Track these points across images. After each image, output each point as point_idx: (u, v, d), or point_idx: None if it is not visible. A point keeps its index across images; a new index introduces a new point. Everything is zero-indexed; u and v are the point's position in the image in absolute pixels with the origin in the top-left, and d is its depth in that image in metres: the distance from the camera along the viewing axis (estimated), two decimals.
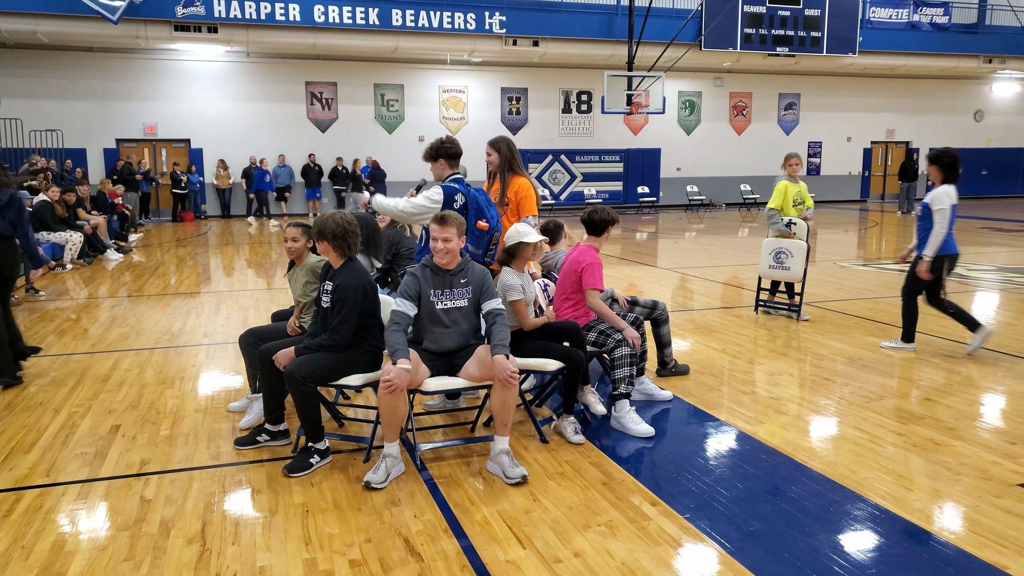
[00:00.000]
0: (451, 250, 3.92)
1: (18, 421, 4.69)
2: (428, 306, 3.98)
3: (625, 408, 4.46)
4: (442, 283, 3.98)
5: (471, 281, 4.00)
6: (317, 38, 18.12)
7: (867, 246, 14.24)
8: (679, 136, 24.18)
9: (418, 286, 3.95)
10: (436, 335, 4.03)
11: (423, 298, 3.96)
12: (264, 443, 4.19)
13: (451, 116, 22.05)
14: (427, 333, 4.04)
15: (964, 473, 3.83)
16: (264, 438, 4.20)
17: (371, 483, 3.69)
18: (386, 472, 3.75)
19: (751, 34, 20.88)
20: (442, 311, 4.00)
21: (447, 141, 4.63)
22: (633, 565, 2.99)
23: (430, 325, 4.02)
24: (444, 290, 3.98)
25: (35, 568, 3.00)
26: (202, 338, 6.92)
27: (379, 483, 3.69)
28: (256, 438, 4.20)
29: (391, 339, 3.78)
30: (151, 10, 16.56)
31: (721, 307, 8.26)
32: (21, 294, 8.90)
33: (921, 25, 22.93)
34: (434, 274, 3.98)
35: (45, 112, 18.48)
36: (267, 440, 4.20)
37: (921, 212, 6.05)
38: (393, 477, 3.78)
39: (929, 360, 5.95)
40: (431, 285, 3.97)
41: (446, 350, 4.04)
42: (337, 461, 4.01)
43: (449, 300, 3.99)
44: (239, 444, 4.21)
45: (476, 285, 4.00)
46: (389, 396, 3.65)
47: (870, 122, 25.92)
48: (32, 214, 11.16)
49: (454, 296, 4.00)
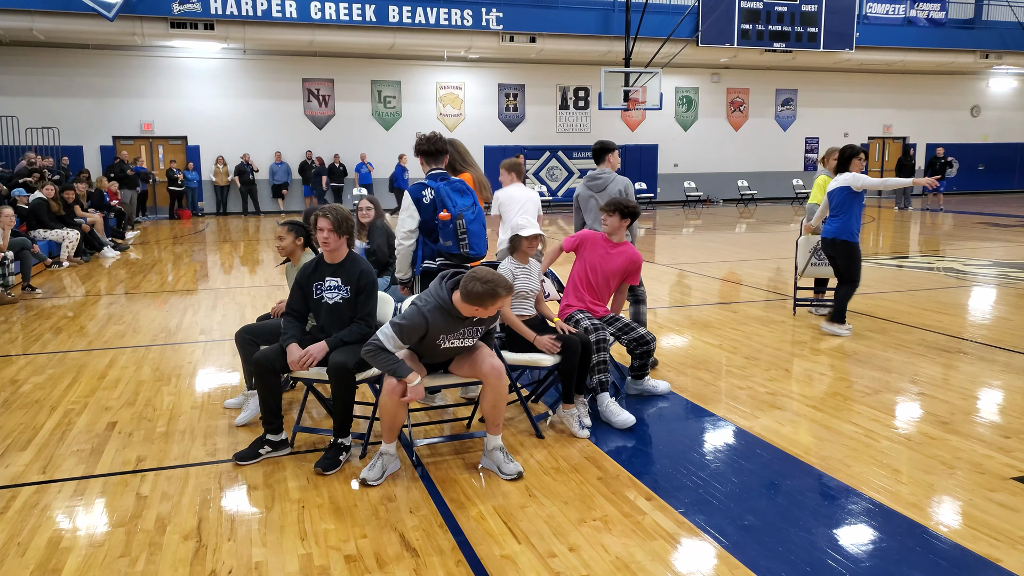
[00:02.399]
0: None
1: (14, 418, 4.69)
2: (428, 343, 3.70)
3: (604, 401, 4.50)
4: (457, 326, 3.67)
5: (484, 323, 3.78)
6: (314, 35, 18.09)
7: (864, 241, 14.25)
8: (676, 132, 24.17)
9: (425, 330, 3.60)
10: (430, 355, 3.88)
11: (425, 338, 3.65)
12: (267, 455, 4.01)
13: (448, 112, 22.02)
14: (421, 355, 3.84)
15: (958, 467, 3.85)
16: (266, 450, 4.01)
17: (367, 480, 3.69)
18: (382, 469, 3.75)
19: (748, 30, 20.86)
20: (444, 350, 3.77)
21: (424, 139, 4.68)
22: (628, 559, 3.00)
23: (426, 353, 3.82)
24: (455, 331, 3.69)
25: (31, 564, 3.01)
26: (199, 335, 6.92)
27: (374, 480, 3.70)
28: (258, 451, 4.01)
29: (386, 360, 3.53)
30: (147, 7, 16.51)
31: (717, 303, 8.27)
32: (18, 291, 8.89)
33: (918, 20, 22.93)
34: (449, 317, 3.60)
35: (41, 109, 18.43)
36: (269, 452, 4.01)
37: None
38: (388, 474, 3.78)
39: (925, 355, 5.96)
40: (442, 330, 3.65)
41: (439, 361, 3.96)
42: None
43: (457, 340, 3.73)
44: (240, 459, 3.96)
45: (487, 324, 3.82)
46: (393, 403, 3.61)
47: (867, 117, 25.93)
48: (28, 211, 11.14)
49: (463, 336, 3.74)
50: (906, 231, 15.90)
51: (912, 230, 16.07)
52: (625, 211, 4.74)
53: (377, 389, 4.02)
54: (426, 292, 3.73)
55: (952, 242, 13.68)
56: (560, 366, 4.29)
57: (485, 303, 3.49)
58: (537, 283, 4.61)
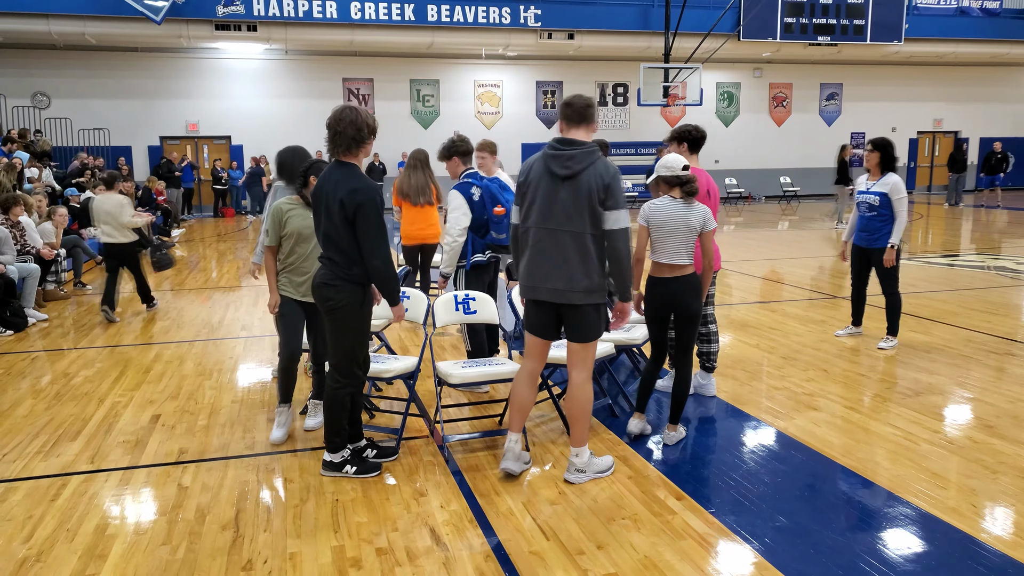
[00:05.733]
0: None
1: (65, 410, 4.88)
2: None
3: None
4: None
5: None
6: (354, 35, 18.31)
7: (912, 239, 13.88)
8: (717, 128, 23.83)
9: None
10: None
11: None
12: (372, 458, 3.94)
13: (486, 111, 22.08)
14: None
15: (1002, 472, 3.74)
16: (371, 452, 3.95)
17: (509, 472, 3.71)
18: (516, 458, 3.73)
19: (791, 23, 20.45)
20: None
21: (458, 140, 5.02)
22: (656, 558, 3.00)
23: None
24: None
25: (79, 550, 3.13)
26: (240, 331, 7.08)
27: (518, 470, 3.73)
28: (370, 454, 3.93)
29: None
30: (193, 10, 16.92)
31: (755, 301, 8.15)
32: (70, 288, 9.21)
33: (971, 11, 22.20)
34: None
35: (93, 111, 19.03)
36: (375, 455, 3.96)
37: (879, 202, 5.93)
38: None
39: (972, 356, 5.80)
40: None
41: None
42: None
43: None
44: (368, 471, 3.83)
45: None
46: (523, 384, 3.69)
47: (916, 112, 25.21)
48: (80, 210, 11.53)
49: None
50: (958, 228, 15.43)
51: (964, 227, 15.60)
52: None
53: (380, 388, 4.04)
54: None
55: (1007, 239, 13.23)
56: (675, 390, 4.18)
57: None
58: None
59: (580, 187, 3.44)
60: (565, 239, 3.48)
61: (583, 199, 3.44)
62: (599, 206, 3.44)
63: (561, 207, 3.48)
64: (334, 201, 3.48)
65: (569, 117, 3.59)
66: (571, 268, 3.48)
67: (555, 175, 3.49)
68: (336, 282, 3.56)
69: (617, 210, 3.45)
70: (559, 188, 3.49)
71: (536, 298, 3.60)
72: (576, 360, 3.63)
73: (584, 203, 3.44)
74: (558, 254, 3.49)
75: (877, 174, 6.03)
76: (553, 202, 3.49)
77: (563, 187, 3.48)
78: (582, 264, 3.48)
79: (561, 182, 3.48)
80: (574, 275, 3.48)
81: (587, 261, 3.48)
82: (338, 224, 3.49)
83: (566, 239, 3.48)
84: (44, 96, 18.84)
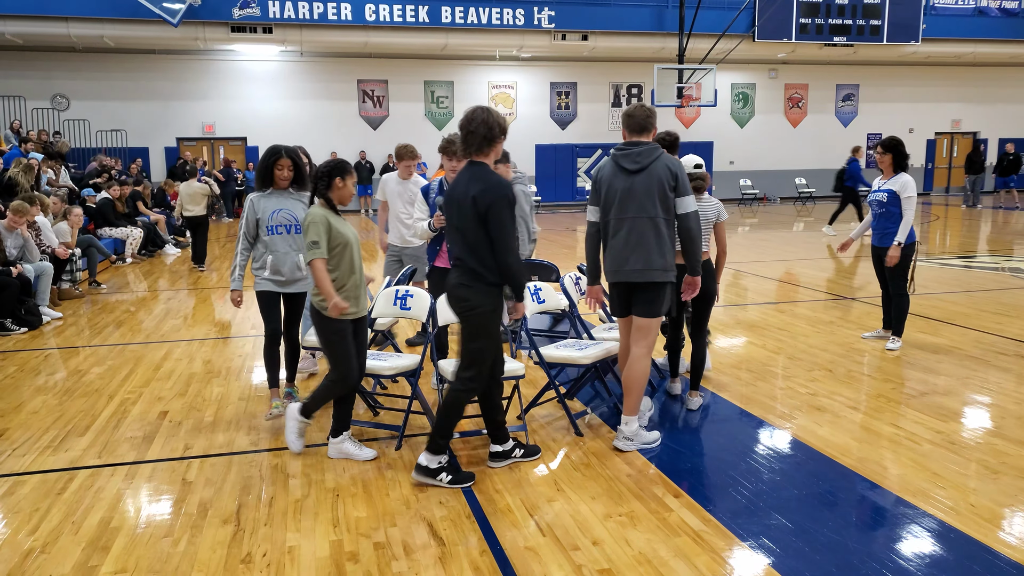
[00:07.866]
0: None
1: (76, 405, 4.96)
2: None
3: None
4: None
5: None
6: (368, 36, 18.44)
7: (928, 240, 13.75)
8: (732, 129, 23.74)
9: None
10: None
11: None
12: (518, 458, 3.96)
13: (500, 112, 22.09)
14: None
15: (1003, 472, 3.71)
16: (519, 453, 3.97)
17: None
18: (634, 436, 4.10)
19: (807, 24, 20.33)
20: None
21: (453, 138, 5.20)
22: (650, 555, 3.01)
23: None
24: None
25: (83, 542, 3.19)
26: (250, 330, 7.16)
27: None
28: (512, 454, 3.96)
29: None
30: (209, 12, 17.11)
31: (765, 302, 8.12)
32: (85, 286, 9.35)
33: (989, 11, 21.95)
34: None
35: (110, 113, 19.29)
36: (522, 454, 3.98)
37: (887, 199, 5.88)
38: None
39: (980, 357, 5.74)
40: None
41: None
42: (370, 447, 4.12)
43: None
44: (494, 460, 3.92)
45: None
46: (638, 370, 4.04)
47: (934, 112, 24.96)
48: (96, 210, 11.69)
49: None
50: (974, 230, 15.26)
51: (981, 228, 15.42)
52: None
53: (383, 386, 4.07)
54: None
55: (1022, 241, 13.07)
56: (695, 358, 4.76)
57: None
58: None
59: (651, 178, 3.89)
60: (641, 224, 3.92)
61: (654, 188, 3.89)
62: (670, 193, 3.90)
63: (634, 197, 3.92)
64: (466, 200, 3.53)
65: (631, 128, 4.02)
66: (647, 250, 3.93)
67: (626, 170, 3.95)
68: (473, 283, 3.57)
69: (687, 196, 3.93)
70: (631, 181, 3.93)
71: (619, 280, 4.03)
72: (639, 335, 4.04)
73: (655, 191, 3.89)
74: (635, 238, 3.94)
75: (890, 174, 5.98)
76: (627, 195, 3.93)
77: (635, 180, 3.92)
78: (657, 245, 3.93)
79: (632, 176, 3.93)
80: (651, 256, 3.93)
81: (661, 243, 3.94)
82: (471, 223, 3.53)
83: (642, 224, 3.92)
84: (63, 98, 19.12)
